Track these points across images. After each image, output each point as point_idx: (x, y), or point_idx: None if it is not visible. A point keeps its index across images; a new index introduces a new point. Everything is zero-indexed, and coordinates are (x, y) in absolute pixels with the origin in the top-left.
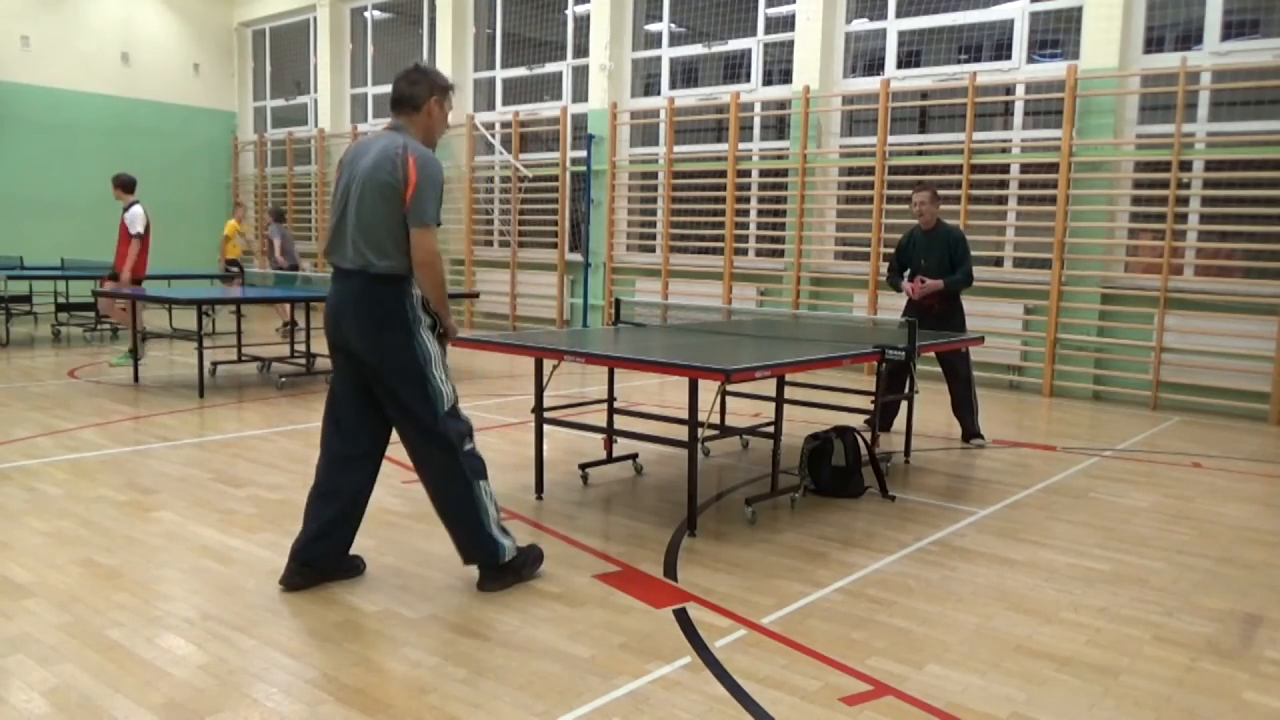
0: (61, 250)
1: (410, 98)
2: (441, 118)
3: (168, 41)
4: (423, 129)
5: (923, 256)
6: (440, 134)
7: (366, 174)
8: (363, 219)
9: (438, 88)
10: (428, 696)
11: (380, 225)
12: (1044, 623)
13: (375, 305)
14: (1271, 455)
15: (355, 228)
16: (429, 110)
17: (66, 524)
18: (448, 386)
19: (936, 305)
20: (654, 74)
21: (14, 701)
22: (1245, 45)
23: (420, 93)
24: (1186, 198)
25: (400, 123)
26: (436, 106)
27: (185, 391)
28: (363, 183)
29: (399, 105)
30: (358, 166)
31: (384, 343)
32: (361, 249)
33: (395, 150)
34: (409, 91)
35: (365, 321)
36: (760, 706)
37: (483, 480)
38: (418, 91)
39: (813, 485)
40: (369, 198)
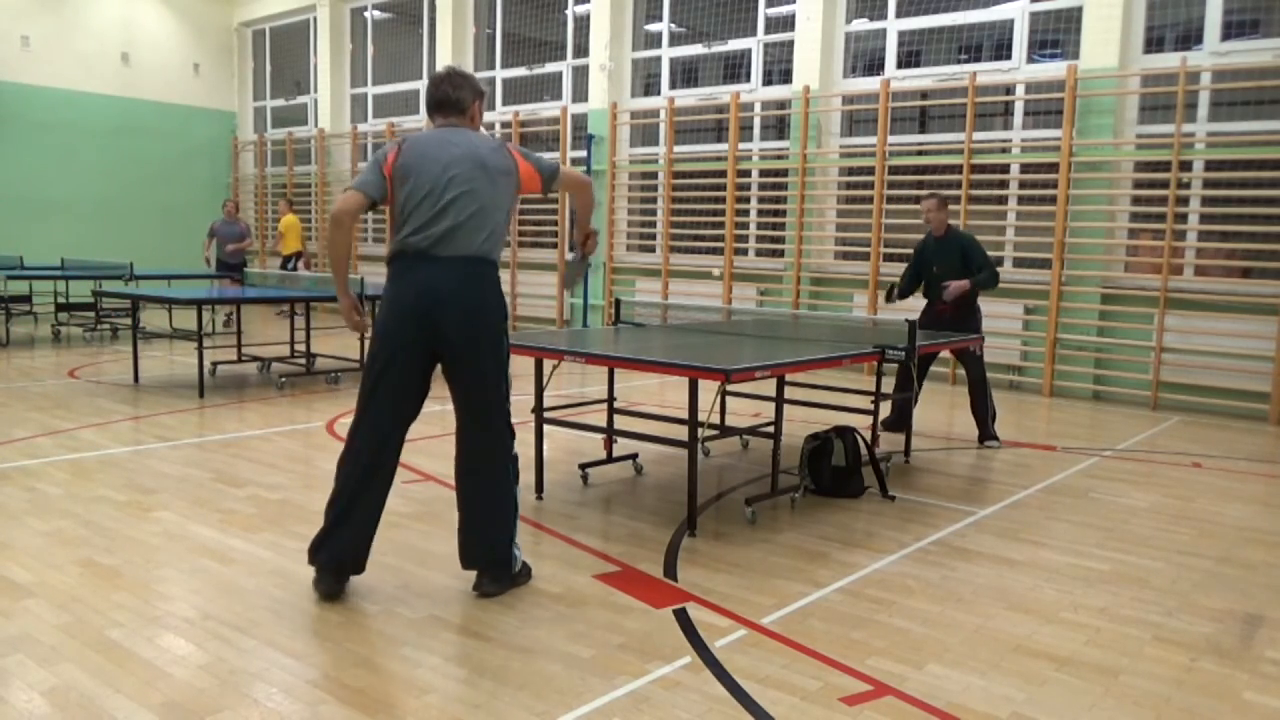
0: (61, 250)
1: (457, 101)
2: (480, 120)
3: (168, 41)
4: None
5: (935, 263)
6: None
7: (474, 161)
8: (470, 206)
9: (479, 93)
10: (428, 696)
11: (495, 211)
12: (1044, 623)
13: (482, 289)
14: (1271, 455)
15: (459, 214)
16: (473, 114)
17: (66, 524)
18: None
19: (949, 311)
20: (654, 74)
21: (14, 701)
22: (1245, 45)
23: (466, 96)
24: (1186, 198)
25: (453, 122)
26: (479, 110)
27: (185, 391)
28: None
29: (445, 108)
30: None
31: (488, 326)
32: (471, 235)
33: (493, 142)
34: (454, 95)
35: (471, 305)
36: (760, 706)
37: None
38: (464, 95)
39: (813, 485)
40: (481, 184)
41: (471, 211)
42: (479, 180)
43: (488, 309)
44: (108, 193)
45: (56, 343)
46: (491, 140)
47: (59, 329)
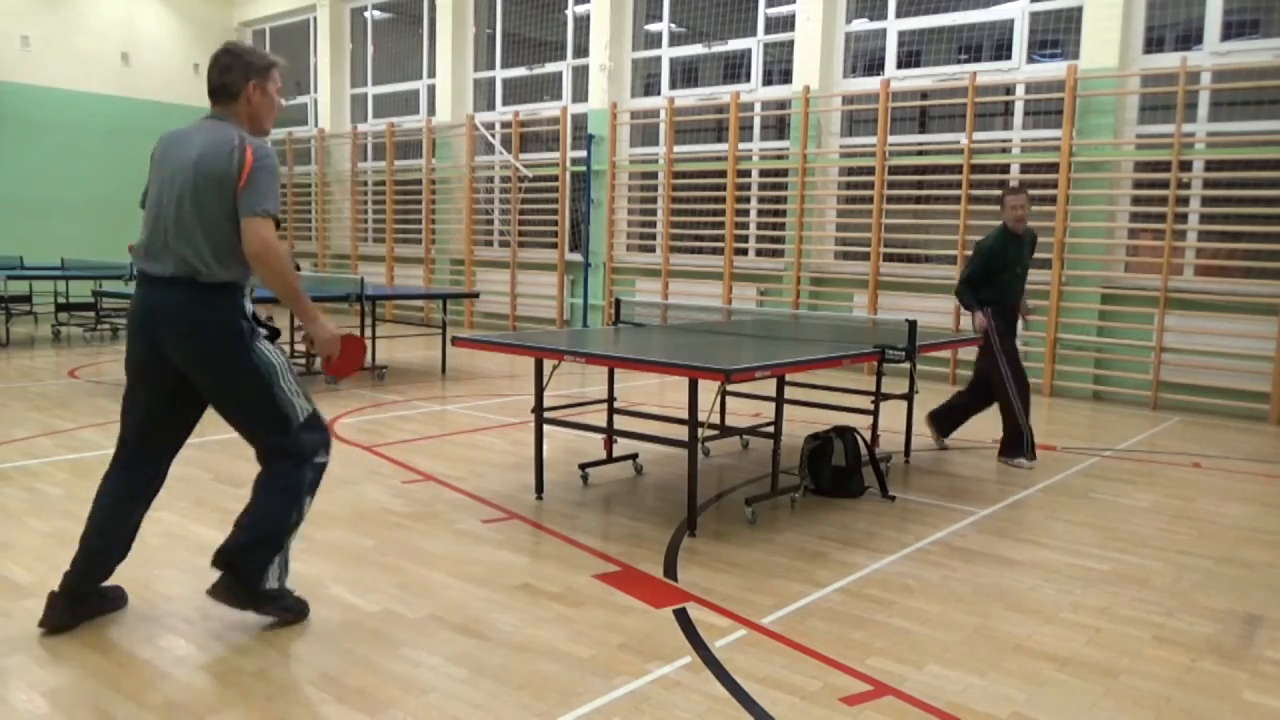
0: (61, 250)
1: (224, 86)
2: (265, 101)
3: (168, 41)
4: (245, 117)
5: (1017, 263)
6: (271, 118)
7: (191, 167)
8: (187, 219)
9: (255, 69)
10: (428, 696)
11: (211, 225)
12: (1044, 623)
13: (203, 317)
14: (1271, 455)
15: (177, 229)
16: (247, 96)
17: (66, 524)
18: (299, 398)
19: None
20: (654, 74)
21: (14, 701)
22: (1245, 45)
23: (234, 80)
24: (1186, 198)
25: (219, 113)
26: (256, 91)
27: None
28: (187, 178)
29: (214, 95)
30: (173, 160)
31: (218, 361)
32: (185, 253)
33: (228, 140)
34: (220, 80)
35: (191, 337)
36: (760, 706)
37: (309, 498)
38: (231, 79)
39: (813, 485)
40: (198, 194)
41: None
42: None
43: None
44: (108, 193)
45: (56, 343)
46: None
47: (59, 329)
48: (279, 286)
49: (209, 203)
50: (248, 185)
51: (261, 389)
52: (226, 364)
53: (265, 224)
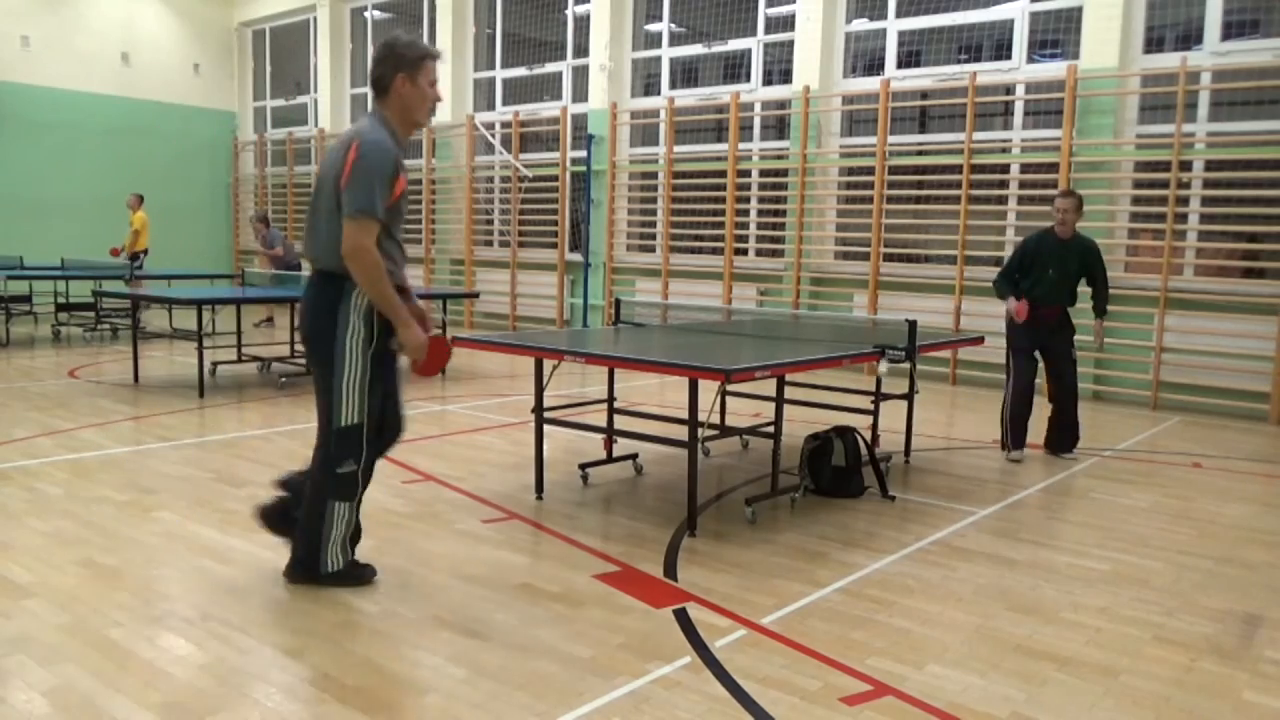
0: (61, 250)
1: (377, 80)
2: (415, 94)
3: (168, 41)
4: (397, 111)
5: (1052, 265)
6: (424, 111)
7: (322, 165)
8: (312, 213)
9: (404, 61)
10: (428, 696)
11: (324, 217)
12: (1044, 623)
13: (316, 302)
14: (1271, 455)
15: (309, 221)
16: (397, 90)
17: (66, 524)
18: (352, 407)
19: (1055, 317)
20: (654, 74)
21: (14, 701)
22: (1245, 45)
23: (385, 73)
24: (1186, 198)
25: (375, 108)
26: (405, 84)
27: (185, 391)
28: (320, 175)
29: (372, 89)
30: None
31: (312, 338)
32: (311, 243)
33: (347, 138)
34: (373, 74)
35: (305, 317)
36: (760, 706)
37: (343, 502)
38: (382, 73)
39: (813, 485)
40: (320, 185)
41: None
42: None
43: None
44: (108, 193)
45: (56, 343)
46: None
47: (59, 329)
48: (368, 289)
49: (325, 195)
50: (348, 183)
51: (326, 377)
52: (316, 343)
53: (358, 226)
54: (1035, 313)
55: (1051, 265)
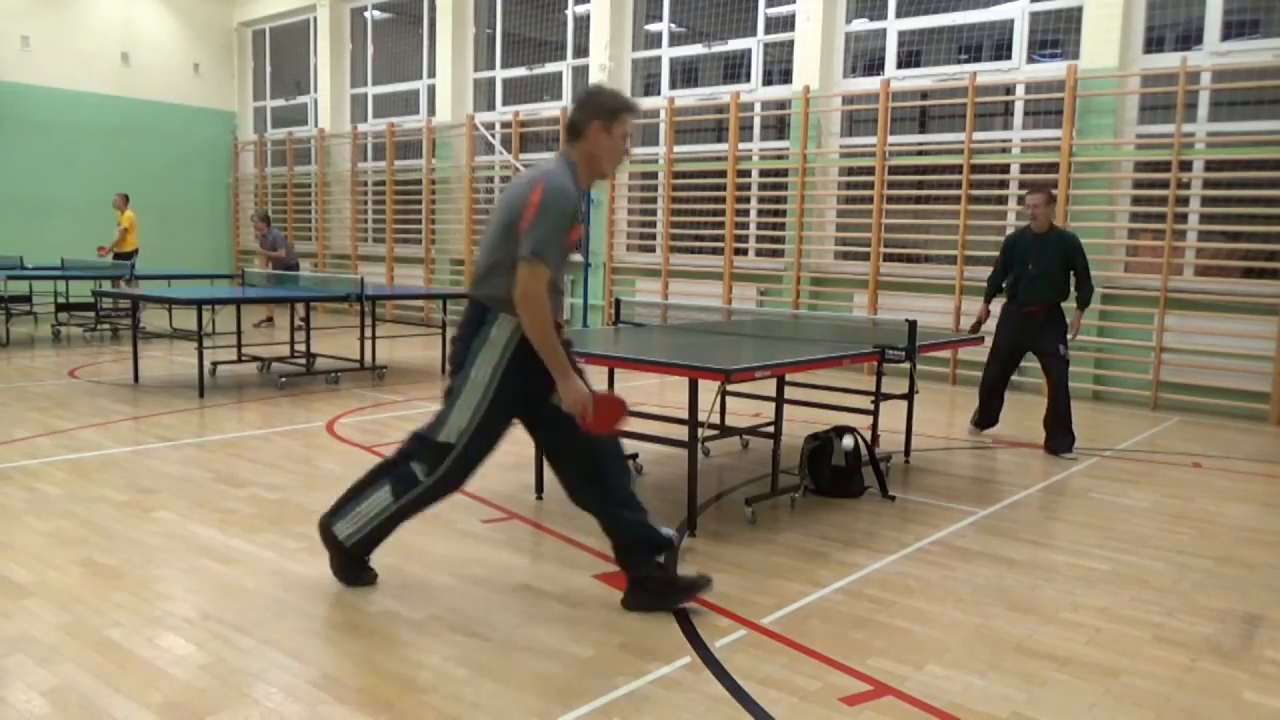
0: (61, 250)
1: (573, 125)
2: (608, 144)
3: (168, 41)
4: (585, 155)
5: (1031, 261)
6: (612, 162)
7: (505, 203)
8: (482, 244)
9: (602, 110)
10: (428, 696)
11: (485, 251)
12: (1044, 623)
13: (463, 329)
14: (1271, 455)
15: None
16: (590, 136)
17: (66, 524)
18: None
19: (1041, 313)
20: (654, 74)
21: (14, 701)
22: (1245, 45)
23: (582, 118)
24: (1186, 198)
25: (564, 150)
26: (600, 132)
27: (185, 391)
28: (497, 213)
29: (567, 131)
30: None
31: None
32: (479, 261)
33: (531, 178)
34: (572, 117)
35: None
36: (760, 706)
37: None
38: (579, 118)
39: (813, 485)
40: (495, 216)
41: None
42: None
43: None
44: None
45: (56, 343)
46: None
47: (59, 329)
48: (534, 337)
49: (496, 228)
50: (530, 226)
51: (457, 389)
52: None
53: (532, 270)
54: (1019, 309)
55: (1030, 260)
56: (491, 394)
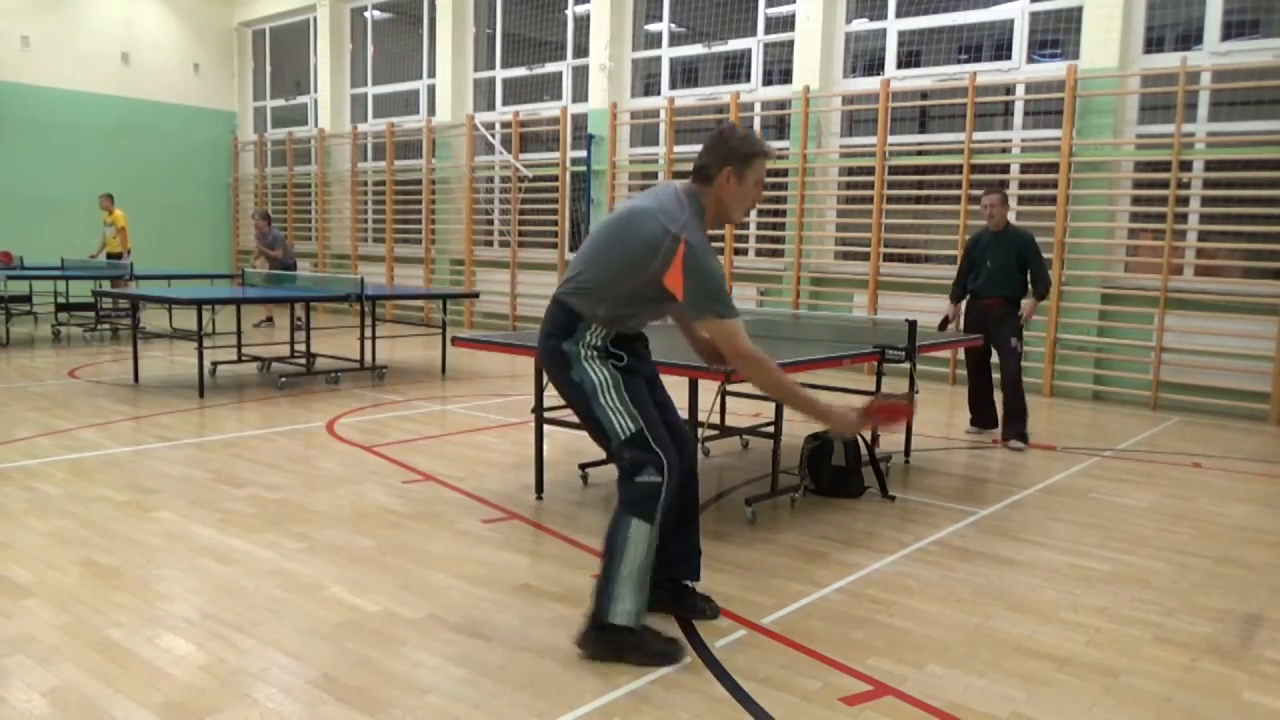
0: (61, 250)
1: (701, 168)
2: (738, 192)
3: (168, 41)
4: (714, 203)
5: (989, 258)
6: (742, 209)
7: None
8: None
9: (734, 157)
10: (428, 696)
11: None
12: (1044, 623)
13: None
14: (1271, 455)
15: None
16: (720, 184)
17: (66, 524)
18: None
19: (998, 306)
20: (654, 74)
21: (14, 701)
22: (1245, 45)
23: (711, 163)
24: (1186, 198)
25: (694, 190)
26: (731, 179)
27: (185, 391)
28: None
29: (696, 174)
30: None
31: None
32: (571, 273)
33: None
34: (700, 161)
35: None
36: (760, 706)
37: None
38: (707, 162)
39: (813, 485)
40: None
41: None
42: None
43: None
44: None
45: (56, 343)
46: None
47: (59, 329)
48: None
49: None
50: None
51: (581, 402)
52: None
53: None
54: (979, 303)
55: (989, 257)
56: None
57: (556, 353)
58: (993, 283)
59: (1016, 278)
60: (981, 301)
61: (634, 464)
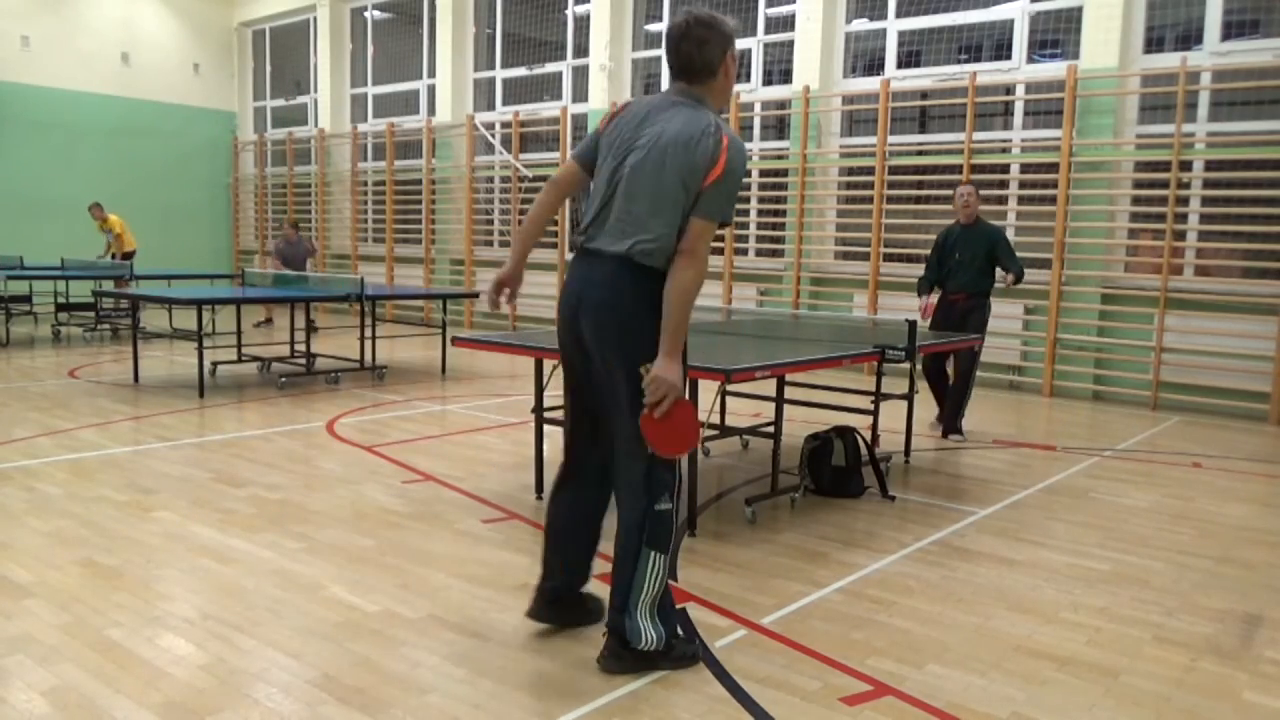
0: (61, 250)
1: (706, 63)
2: (732, 77)
3: (168, 41)
4: (719, 96)
5: (960, 250)
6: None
7: (667, 144)
8: (640, 195)
9: (729, 40)
10: (428, 696)
11: (666, 207)
12: (1044, 623)
13: (635, 295)
14: (1271, 455)
15: (626, 204)
16: (726, 70)
17: (66, 524)
18: None
19: (963, 300)
20: (654, 74)
21: (14, 701)
22: (1245, 45)
23: (714, 55)
24: (1186, 198)
25: (696, 92)
26: (732, 63)
27: (185, 391)
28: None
29: (688, 73)
30: (645, 133)
31: (626, 337)
32: (629, 229)
33: (707, 126)
34: (701, 56)
35: (611, 309)
36: (760, 706)
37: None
38: (712, 54)
39: (813, 485)
40: (663, 174)
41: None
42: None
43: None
44: (108, 193)
45: (56, 343)
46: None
47: (59, 329)
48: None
49: (658, 175)
50: (715, 187)
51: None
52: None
53: (708, 231)
54: (945, 299)
55: (959, 250)
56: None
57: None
58: (960, 275)
59: (984, 270)
60: (947, 295)
61: (658, 486)
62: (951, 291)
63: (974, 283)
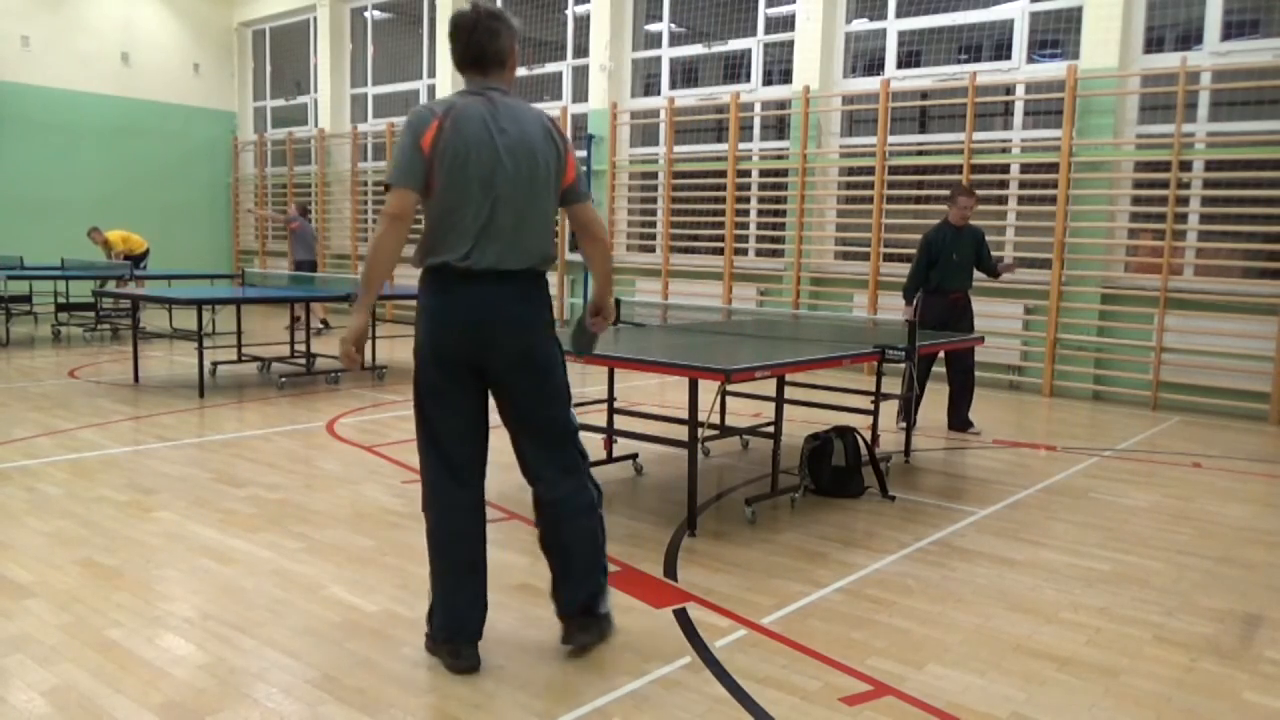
0: (61, 250)
1: (497, 53)
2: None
3: (168, 41)
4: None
5: (955, 251)
6: None
7: (531, 155)
8: (531, 211)
9: (515, 32)
10: (428, 696)
11: (548, 216)
12: (1044, 623)
13: (533, 304)
14: (1271, 455)
15: (518, 221)
16: (513, 63)
17: (66, 524)
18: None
19: (963, 299)
20: (654, 74)
21: (14, 701)
22: (1245, 45)
23: (505, 46)
24: (1186, 198)
25: (493, 84)
26: (517, 54)
27: (185, 391)
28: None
29: (482, 64)
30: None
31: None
32: (529, 246)
33: (545, 123)
34: (494, 47)
35: (520, 323)
36: (760, 706)
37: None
38: (504, 45)
39: (813, 485)
40: (536, 185)
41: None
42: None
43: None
44: (108, 193)
45: (56, 343)
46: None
47: (59, 329)
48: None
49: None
50: (577, 175)
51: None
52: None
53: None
54: (945, 298)
55: (954, 251)
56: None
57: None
58: (959, 276)
59: (972, 269)
60: (948, 296)
61: (586, 459)
62: (953, 290)
63: (969, 281)
